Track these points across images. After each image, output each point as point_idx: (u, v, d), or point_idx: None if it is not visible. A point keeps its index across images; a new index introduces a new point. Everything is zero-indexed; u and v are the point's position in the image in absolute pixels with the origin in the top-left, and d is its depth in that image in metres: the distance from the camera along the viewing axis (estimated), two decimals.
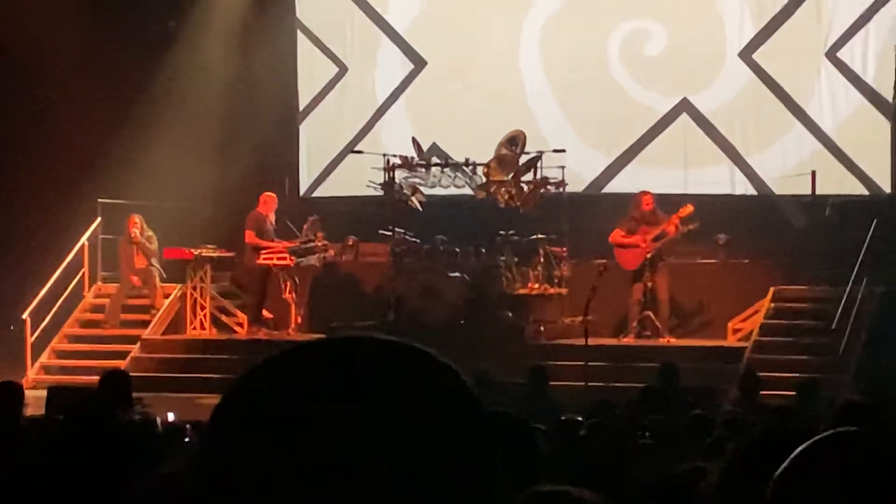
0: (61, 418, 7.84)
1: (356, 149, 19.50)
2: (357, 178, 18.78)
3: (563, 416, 8.80)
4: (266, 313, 18.74)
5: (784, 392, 13.06)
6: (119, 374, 10.90)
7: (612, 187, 19.56)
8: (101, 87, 18.67)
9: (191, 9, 20.54)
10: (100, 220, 19.45)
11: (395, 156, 18.32)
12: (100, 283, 19.69)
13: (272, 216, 18.65)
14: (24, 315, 18.57)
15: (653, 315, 17.36)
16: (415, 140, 18.63)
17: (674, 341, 17.20)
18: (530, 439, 4.05)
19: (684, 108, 19.42)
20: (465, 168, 18.15)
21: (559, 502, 2.73)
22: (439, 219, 18.05)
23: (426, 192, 18.22)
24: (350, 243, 19.48)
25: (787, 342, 16.48)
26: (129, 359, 17.82)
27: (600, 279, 15.55)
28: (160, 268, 19.16)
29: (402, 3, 20.65)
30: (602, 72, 19.70)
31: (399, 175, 18.19)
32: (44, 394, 12.29)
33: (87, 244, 19.40)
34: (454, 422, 1.36)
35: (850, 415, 6.10)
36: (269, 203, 18.63)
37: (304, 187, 20.96)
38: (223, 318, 19.16)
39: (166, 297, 19.09)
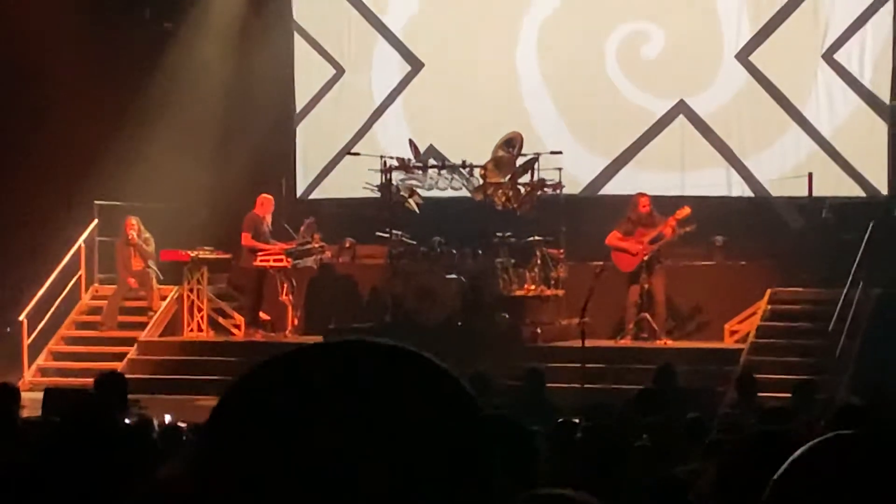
0: (58, 420, 7.84)
1: (353, 151, 19.48)
2: (354, 180, 18.77)
3: (560, 419, 8.80)
4: (263, 315, 18.74)
5: (781, 394, 13.05)
6: (114, 375, 10.90)
7: (608, 189, 19.55)
8: (98, 89, 18.64)
9: (188, 11, 20.53)
10: (97, 221, 19.45)
11: (391, 157, 18.32)
12: (97, 285, 19.68)
13: (269, 218, 18.65)
14: (21, 317, 18.55)
15: (650, 317, 17.36)
16: (412, 142, 18.63)
17: (671, 343, 17.21)
18: (529, 442, 4.05)
19: (681, 110, 19.42)
20: (461, 170, 18.15)
21: None
22: (436, 220, 18.04)
23: (423, 193, 18.21)
24: (347, 245, 19.49)
25: (783, 344, 16.47)
26: (125, 361, 17.82)
27: (597, 281, 15.54)
28: (157, 270, 19.15)
29: (399, 5, 20.64)
30: (599, 74, 19.69)
31: (396, 177, 18.19)
32: (40, 396, 12.30)
33: (83, 246, 19.39)
34: (452, 426, 1.36)
35: (848, 417, 6.10)
36: (265, 205, 18.63)
37: (300, 189, 20.94)
38: (220, 319, 19.16)
39: (163, 299, 19.08)
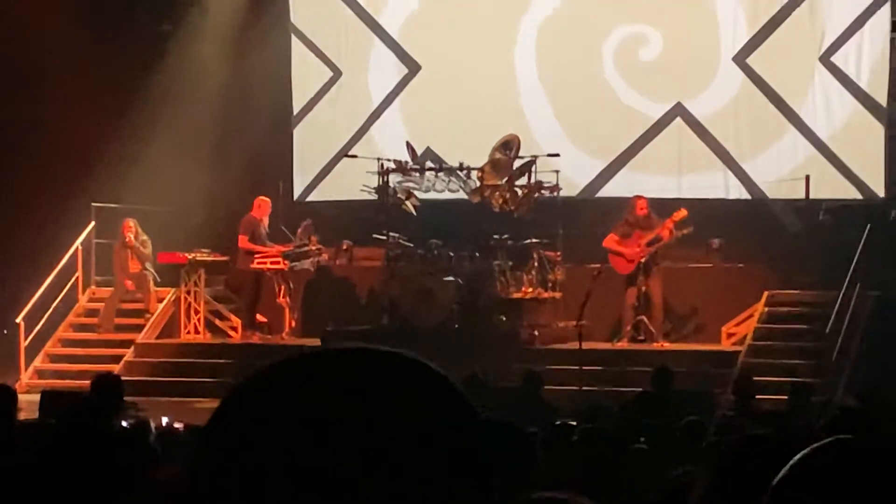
0: (55, 423, 7.83)
1: (350, 153, 19.47)
2: (351, 183, 18.76)
3: (557, 421, 8.79)
4: (260, 317, 18.74)
5: (778, 396, 13.06)
6: (110, 377, 10.89)
7: (606, 192, 19.55)
8: (96, 92, 18.63)
9: (185, 13, 20.53)
10: (94, 224, 19.45)
11: (389, 160, 18.32)
12: (94, 287, 19.68)
13: (266, 220, 18.64)
14: (18, 319, 18.55)
15: (647, 319, 17.37)
16: (409, 144, 18.63)
17: (668, 345, 17.22)
18: (526, 445, 4.05)
19: (678, 112, 19.42)
20: (459, 172, 18.15)
21: None
22: (433, 223, 18.04)
23: (420, 196, 18.22)
24: (344, 247, 19.50)
25: (781, 346, 16.48)
26: (123, 363, 17.83)
27: (594, 283, 15.54)
28: (154, 272, 19.15)
29: (396, 8, 20.64)
30: (597, 76, 19.70)
31: (393, 179, 18.19)
32: (37, 398, 12.24)
33: (81, 248, 19.38)
34: (449, 429, 1.36)
35: (845, 420, 6.09)
36: (262, 207, 18.63)
37: (297, 191, 20.93)
38: (217, 322, 19.16)
39: (160, 301, 19.08)
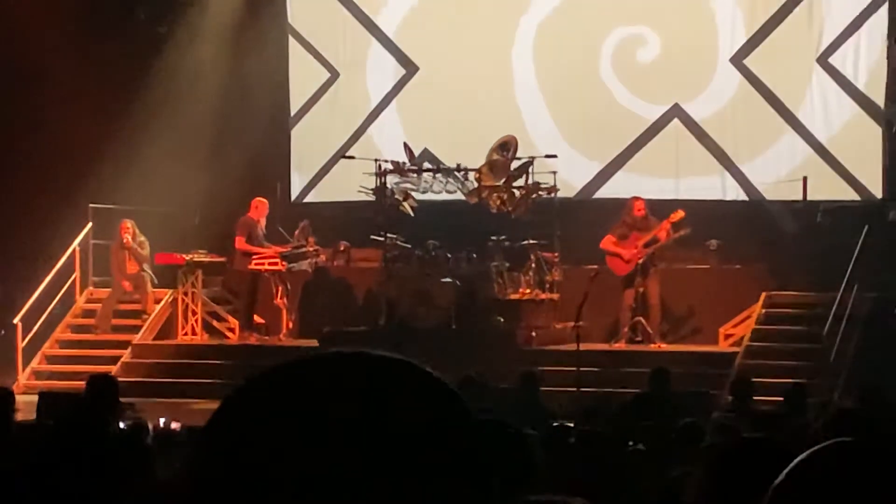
0: (52, 424, 7.82)
1: (348, 154, 19.46)
2: (349, 184, 18.75)
3: (554, 423, 8.79)
4: (257, 318, 18.73)
5: (776, 398, 13.05)
6: (106, 378, 10.89)
7: (603, 193, 19.56)
8: (94, 93, 18.63)
9: (183, 14, 20.52)
10: (91, 225, 19.43)
11: (386, 161, 18.31)
12: (91, 288, 19.66)
13: (263, 221, 18.64)
14: (16, 320, 18.54)
15: (644, 321, 17.37)
16: (406, 145, 18.63)
17: (665, 347, 17.21)
18: (524, 447, 4.04)
19: (676, 114, 19.43)
20: (456, 173, 18.14)
21: None
22: (431, 224, 18.04)
23: (418, 197, 18.21)
24: (342, 248, 19.49)
25: (778, 348, 16.49)
26: (120, 364, 17.82)
27: (592, 285, 15.54)
28: (152, 273, 19.13)
29: (393, 9, 20.64)
30: (594, 77, 19.70)
31: (391, 180, 18.18)
32: (35, 399, 12.26)
33: (78, 249, 19.37)
34: (447, 431, 1.36)
35: (843, 421, 6.09)
36: (260, 208, 18.62)
37: (295, 192, 20.93)
38: (214, 323, 19.15)
39: (157, 302, 19.07)
